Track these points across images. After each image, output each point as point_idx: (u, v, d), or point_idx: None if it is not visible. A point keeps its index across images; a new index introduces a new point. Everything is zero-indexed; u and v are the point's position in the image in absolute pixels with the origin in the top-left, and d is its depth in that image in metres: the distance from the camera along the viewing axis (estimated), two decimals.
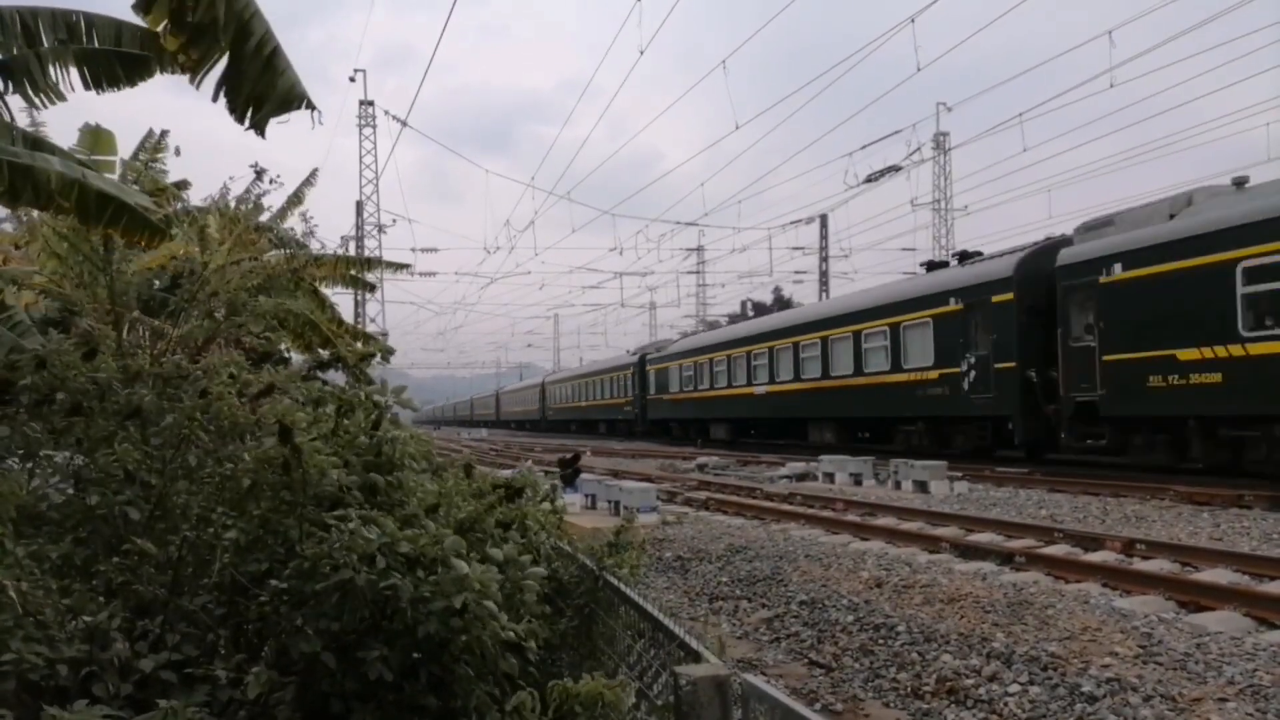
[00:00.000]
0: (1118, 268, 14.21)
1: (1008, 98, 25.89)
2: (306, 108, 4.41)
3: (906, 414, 20.39)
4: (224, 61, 4.31)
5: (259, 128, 4.36)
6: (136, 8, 4.26)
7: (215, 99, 4.34)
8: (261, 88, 4.24)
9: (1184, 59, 38.43)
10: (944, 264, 21.86)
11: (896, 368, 20.36)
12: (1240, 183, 13.69)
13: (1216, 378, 12.60)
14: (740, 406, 29.44)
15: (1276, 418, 12.09)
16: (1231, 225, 12.52)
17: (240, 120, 4.42)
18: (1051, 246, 16.60)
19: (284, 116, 4.44)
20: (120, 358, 4.26)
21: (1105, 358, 14.35)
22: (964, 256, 20.31)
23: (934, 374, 18.95)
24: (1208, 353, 12.75)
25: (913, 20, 19.19)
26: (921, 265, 24.18)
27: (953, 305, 18.37)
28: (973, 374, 17.68)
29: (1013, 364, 16.50)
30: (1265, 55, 21.23)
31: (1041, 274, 16.09)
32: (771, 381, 27.05)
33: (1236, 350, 12.38)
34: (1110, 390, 14.30)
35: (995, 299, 17.04)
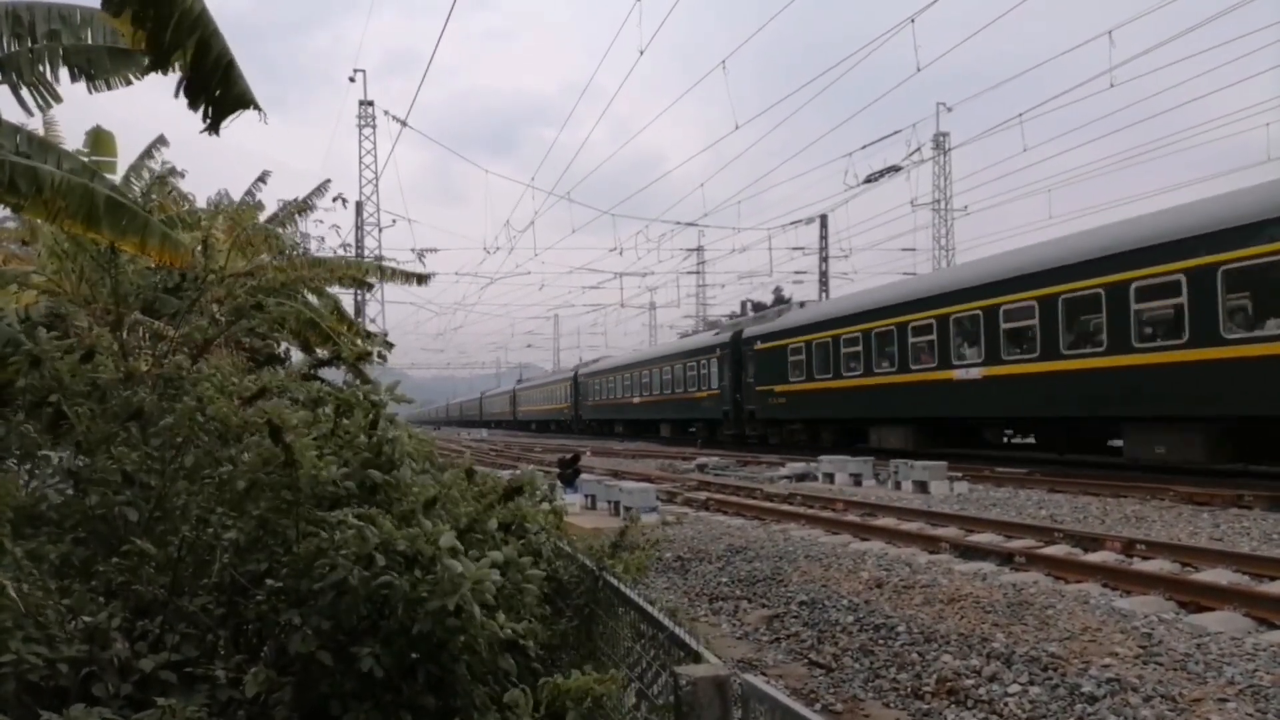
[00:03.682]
0: (758, 341, 28.13)
1: (1008, 98, 25.94)
2: (255, 109, 5.05)
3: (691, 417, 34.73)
4: (183, 69, 4.87)
5: (214, 127, 4.99)
6: (106, 7, 4.49)
7: (176, 96, 4.97)
8: (218, 94, 4.91)
9: (1184, 59, 38.45)
10: (716, 322, 40.30)
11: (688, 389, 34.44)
12: (800, 303, 31.19)
13: (783, 400, 26.25)
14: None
15: (816, 420, 25.22)
16: (786, 328, 26.57)
17: (201, 116, 5.03)
18: (740, 326, 31.08)
19: (234, 116, 5.04)
20: (121, 359, 4.27)
21: (756, 387, 27.91)
22: (711, 324, 37.85)
23: (702, 393, 33.00)
24: (780, 388, 26.39)
25: (913, 20, 19.20)
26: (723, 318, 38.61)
27: (708, 355, 32.57)
28: (714, 394, 31.78)
29: (719, 390, 31.26)
30: (1265, 56, 21.24)
31: (737, 340, 29.97)
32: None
33: (790, 389, 25.88)
34: (758, 404, 27.82)
35: (719, 353, 31.40)
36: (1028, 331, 16.29)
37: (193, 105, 4.83)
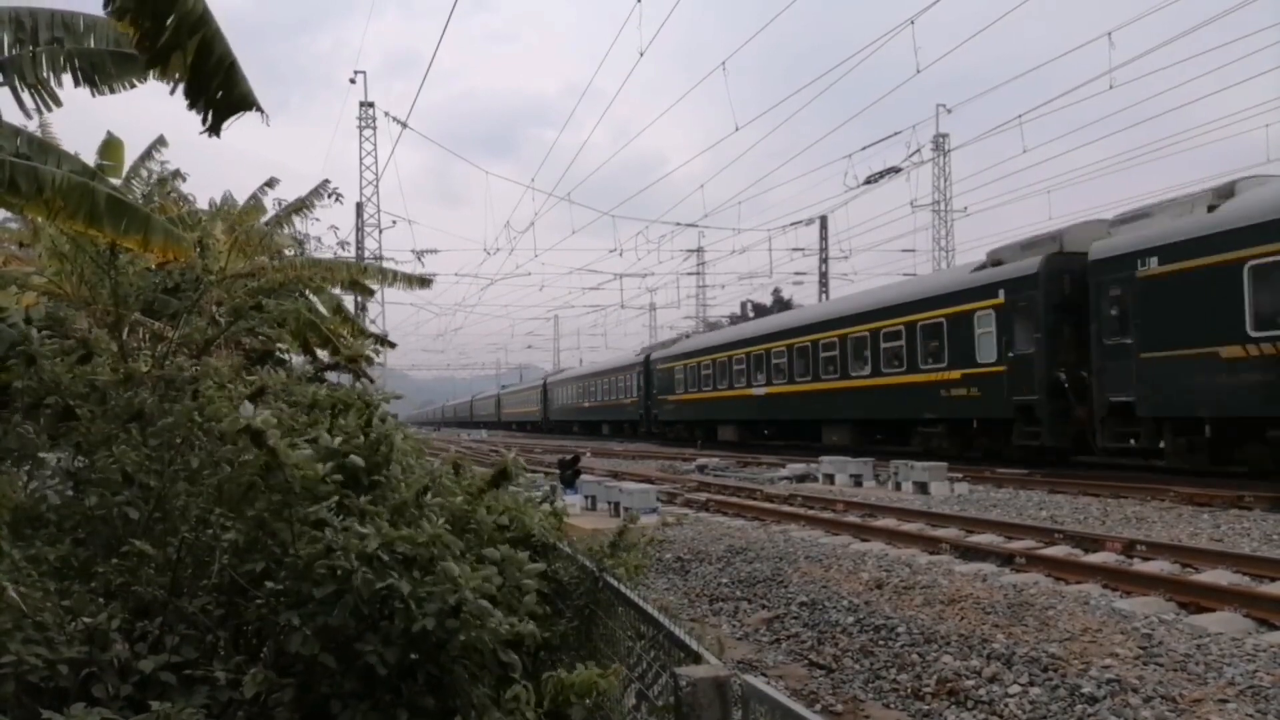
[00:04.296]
0: (659, 364, 36.31)
1: (1007, 99, 25.93)
2: (256, 110, 5.01)
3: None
4: (184, 70, 4.83)
5: (215, 128, 4.94)
6: (108, 6, 4.49)
7: (172, 93, 4.92)
8: (219, 96, 4.88)
9: (1183, 61, 38.45)
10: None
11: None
12: (687, 334, 39.01)
13: (672, 407, 36.49)
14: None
15: (691, 421, 32.24)
16: (673, 354, 35.22)
17: (201, 117, 4.99)
18: (650, 351, 38.22)
19: (235, 117, 5.00)
20: (121, 360, 4.27)
21: (658, 396, 35.36)
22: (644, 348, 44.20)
23: (628, 400, 40.30)
24: (670, 399, 35.87)
25: (912, 22, 19.22)
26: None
27: (631, 371, 39.94)
28: (635, 401, 39.85)
29: (637, 398, 39.74)
30: (1264, 57, 21.24)
31: (648, 362, 38.32)
32: None
33: (676, 399, 35.49)
34: (659, 409, 35.43)
35: (639, 370, 39.61)
36: (782, 367, 27.18)
37: (192, 105, 4.83)
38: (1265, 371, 11.96)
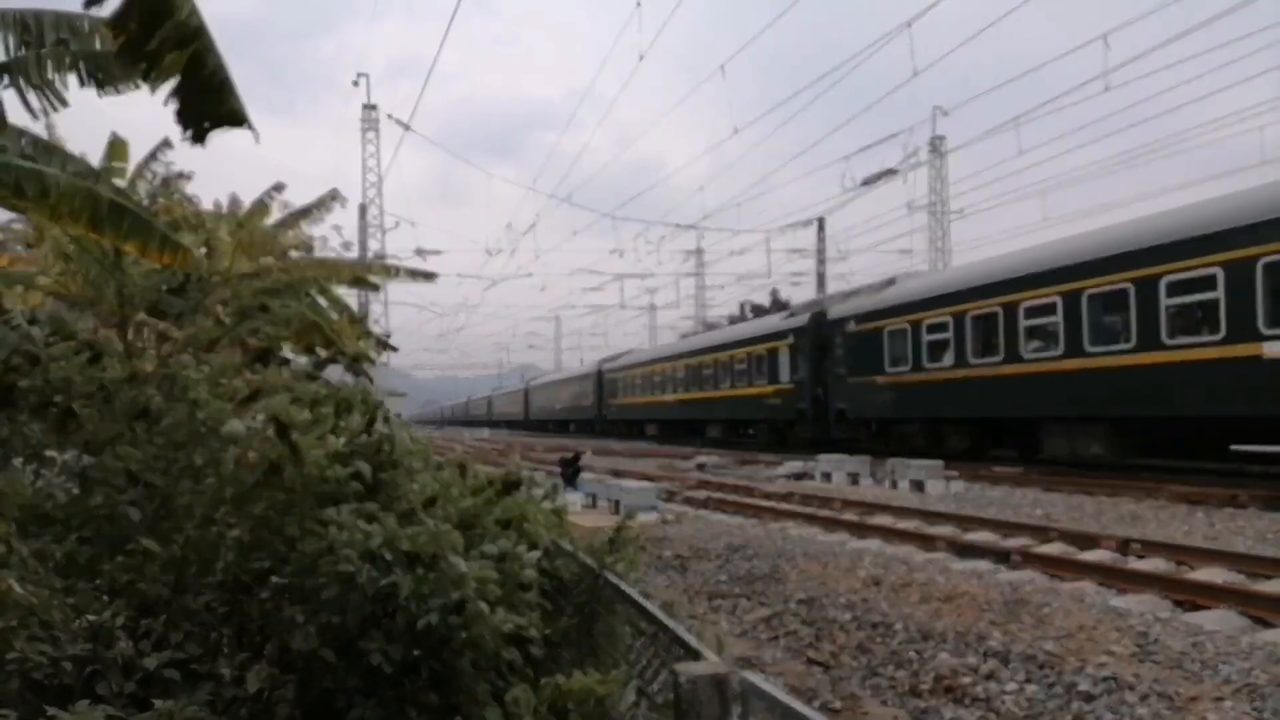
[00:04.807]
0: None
1: (1004, 102, 25.97)
2: (246, 128, 5.02)
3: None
4: (175, 80, 4.85)
5: (199, 139, 4.97)
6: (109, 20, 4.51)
7: (166, 104, 4.92)
8: (208, 110, 4.91)
9: (1179, 62, 38.53)
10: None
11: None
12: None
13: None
14: None
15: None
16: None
17: (184, 130, 5.01)
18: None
19: (221, 131, 5.02)
20: (126, 359, 4.28)
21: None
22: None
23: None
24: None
25: (909, 25, 19.25)
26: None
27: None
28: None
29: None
30: (1261, 59, 21.31)
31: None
32: None
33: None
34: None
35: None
36: (686, 380, 35.15)
37: (182, 115, 4.85)
38: (891, 392, 20.76)
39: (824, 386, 24.13)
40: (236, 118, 4.92)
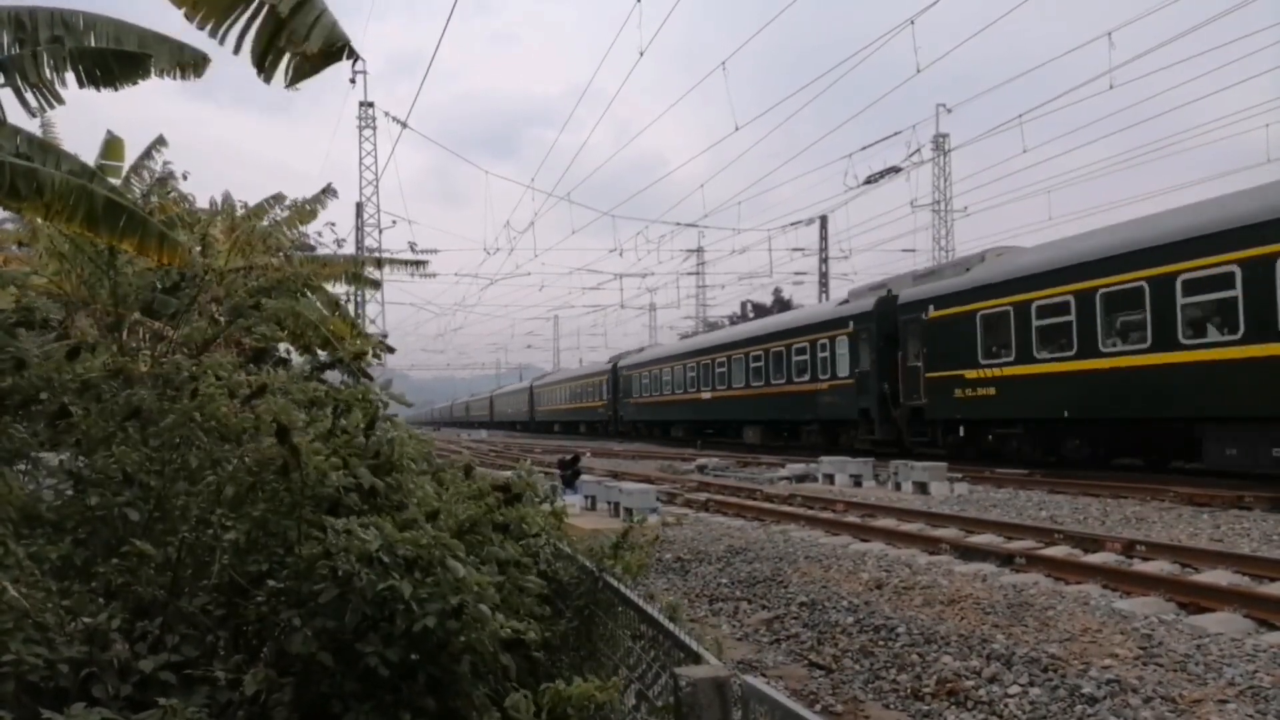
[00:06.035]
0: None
1: (1007, 99, 25.94)
2: (348, 56, 4.13)
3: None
4: (249, 12, 4.18)
5: (296, 80, 4.15)
6: None
7: (237, 51, 4.19)
8: (297, 35, 4.00)
9: (1183, 60, 38.48)
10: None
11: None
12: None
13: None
14: None
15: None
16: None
17: (268, 75, 4.18)
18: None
19: (320, 71, 4.21)
20: (120, 359, 4.26)
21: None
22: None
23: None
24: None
25: (912, 22, 19.21)
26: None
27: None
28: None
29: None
30: (1264, 57, 21.25)
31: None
32: None
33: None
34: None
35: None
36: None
37: (261, 59, 4.13)
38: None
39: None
40: (337, 39, 4.13)
